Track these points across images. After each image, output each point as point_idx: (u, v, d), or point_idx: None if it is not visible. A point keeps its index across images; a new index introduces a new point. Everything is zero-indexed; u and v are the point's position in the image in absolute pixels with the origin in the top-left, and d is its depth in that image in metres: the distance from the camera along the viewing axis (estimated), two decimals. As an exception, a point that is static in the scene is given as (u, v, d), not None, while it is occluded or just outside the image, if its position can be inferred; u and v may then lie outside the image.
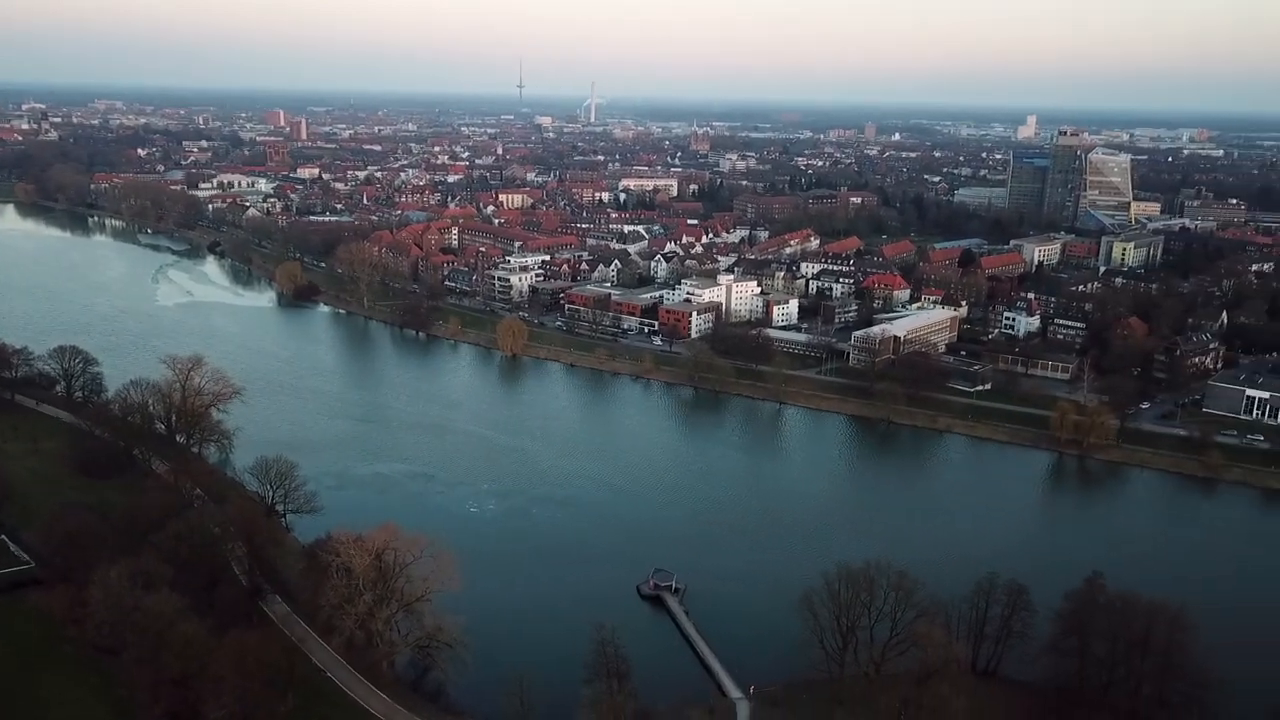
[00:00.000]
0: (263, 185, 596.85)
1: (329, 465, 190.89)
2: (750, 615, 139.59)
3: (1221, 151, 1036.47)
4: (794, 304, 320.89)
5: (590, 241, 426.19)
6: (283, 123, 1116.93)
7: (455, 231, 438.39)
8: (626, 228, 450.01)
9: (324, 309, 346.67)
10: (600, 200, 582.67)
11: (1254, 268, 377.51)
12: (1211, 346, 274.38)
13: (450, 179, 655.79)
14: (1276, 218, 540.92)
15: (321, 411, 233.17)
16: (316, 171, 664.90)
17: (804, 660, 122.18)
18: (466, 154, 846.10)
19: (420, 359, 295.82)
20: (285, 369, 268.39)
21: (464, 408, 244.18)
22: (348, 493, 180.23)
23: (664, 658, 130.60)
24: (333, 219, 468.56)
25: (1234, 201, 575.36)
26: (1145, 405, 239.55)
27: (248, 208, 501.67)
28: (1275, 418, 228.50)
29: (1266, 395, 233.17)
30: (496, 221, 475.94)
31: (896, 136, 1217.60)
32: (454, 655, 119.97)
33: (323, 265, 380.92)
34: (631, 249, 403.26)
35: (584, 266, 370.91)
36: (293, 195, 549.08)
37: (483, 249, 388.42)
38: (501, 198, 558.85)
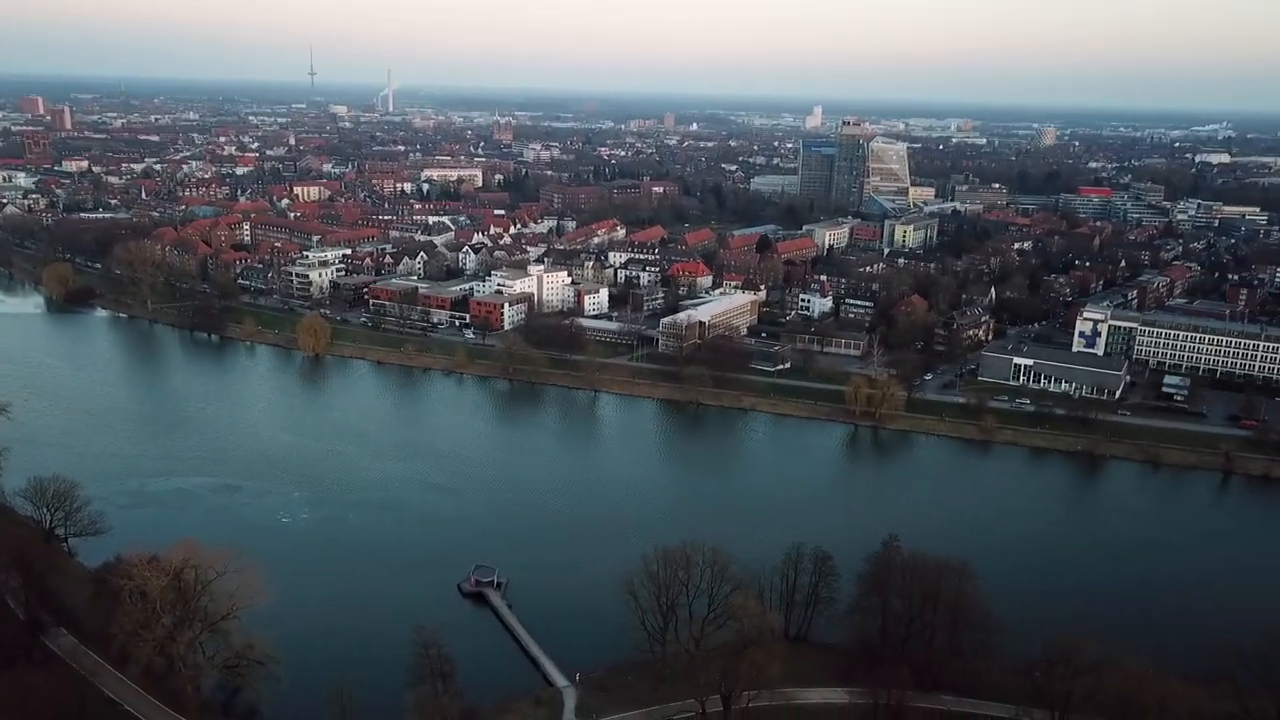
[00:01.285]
0: (22, 180, 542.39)
1: (119, 483, 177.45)
2: (574, 603, 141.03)
3: (985, 140, 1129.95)
4: (604, 293, 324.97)
5: (394, 234, 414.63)
6: (42, 110, 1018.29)
7: (247, 227, 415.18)
8: (431, 219, 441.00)
9: (102, 313, 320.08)
10: (402, 191, 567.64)
11: (1016, 246, 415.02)
12: (983, 320, 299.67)
13: (239, 171, 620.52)
14: (1033, 200, 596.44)
15: (106, 426, 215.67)
16: (85, 164, 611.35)
17: (627, 642, 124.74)
18: (256, 145, 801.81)
19: (215, 363, 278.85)
20: (61, 381, 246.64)
21: (268, 413, 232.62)
22: (143, 511, 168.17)
23: (489, 654, 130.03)
24: (107, 216, 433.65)
25: (997, 186, 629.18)
26: (929, 376, 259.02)
27: (4, 205, 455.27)
28: (1038, 382, 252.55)
29: (1030, 362, 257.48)
30: (292, 215, 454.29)
31: (694, 127, 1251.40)
32: (266, 672, 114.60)
33: (97, 266, 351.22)
34: (438, 241, 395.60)
35: (388, 260, 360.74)
36: (58, 190, 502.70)
37: (278, 244, 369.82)
38: (297, 190, 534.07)
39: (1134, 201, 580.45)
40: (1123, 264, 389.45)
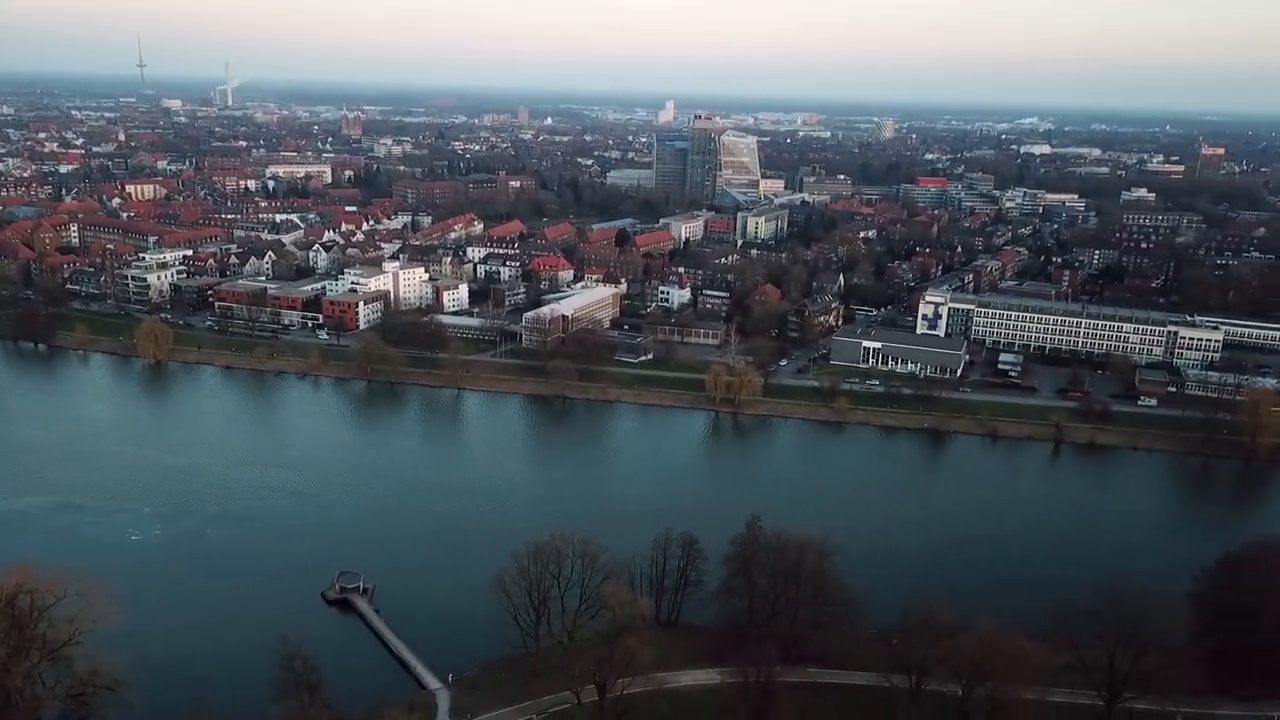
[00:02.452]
0: None
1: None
2: (445, 604, 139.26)
3: (829, 133, 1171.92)
4: (464, 289, 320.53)
5: (238, 233, 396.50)
6: None
7: (75, 228, 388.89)
8: (279, 217, 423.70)
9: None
10: (246, 189, 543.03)
11: (861, 235, 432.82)
12: (833, 306, 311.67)
13: (63, 169, 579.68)
14: (876, 190, 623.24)
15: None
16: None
17: (500, 640, 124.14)
18: (81, 141, 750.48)
19: (45, 375, 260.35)
20: None
21: (110, 425, 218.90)
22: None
23: (358, 661, 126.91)
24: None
25: (841, 177, 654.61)
26: (784, 362, 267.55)
27: None
28: (886, 364, 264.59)
29: (878, 345, 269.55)
30: (125, 215, 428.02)
31: (549, 121, 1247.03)
32: (116, 698, 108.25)
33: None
34: (286, 239, 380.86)
35: (234, 260, 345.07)
36: None
37: (111, 246, 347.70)
38: (129, 189, 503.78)
39: (967, 191, 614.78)
40: (959, 250, 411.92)
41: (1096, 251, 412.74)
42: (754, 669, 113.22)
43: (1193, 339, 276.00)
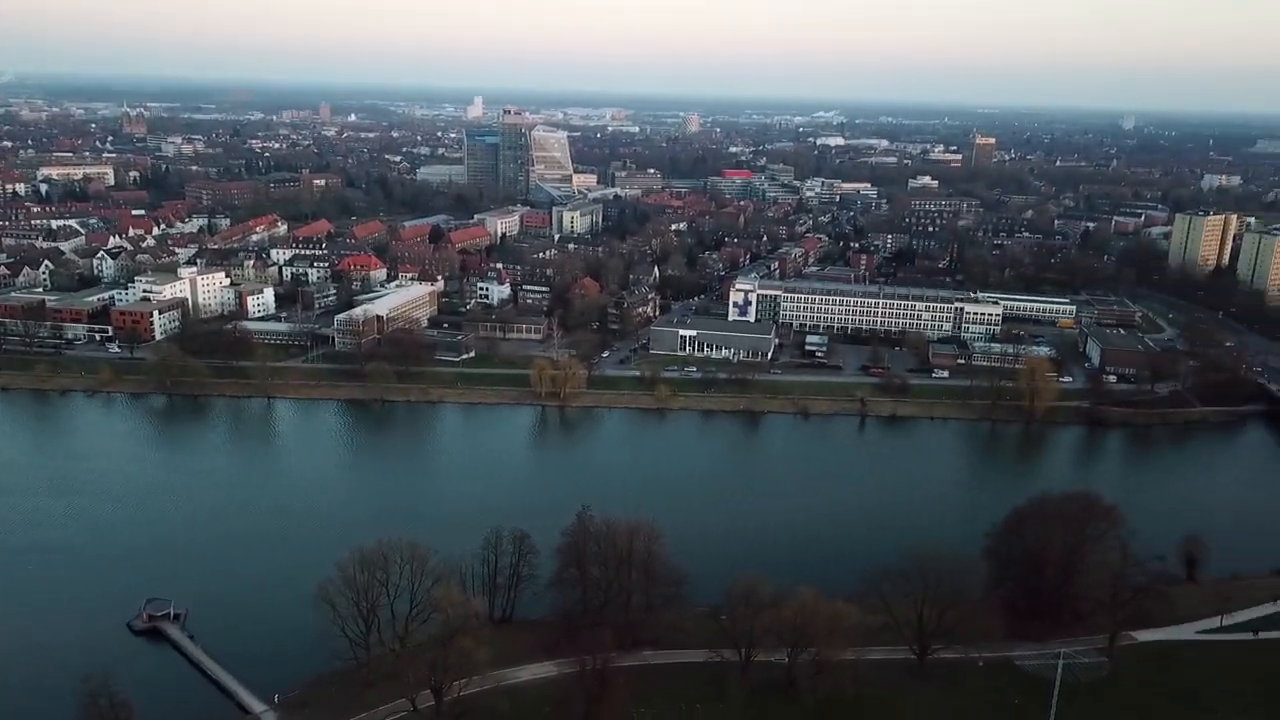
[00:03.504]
0: None
1: None
2: (266, 623, 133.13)
3: (638, 128, 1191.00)
4: (269, 293, 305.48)
5: (8, 241, 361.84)
6: None
7: None
8: (55, 223, 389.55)
9: None
10: (15, 193, 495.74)
11: (673, 227, 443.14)
12: (650, 297, 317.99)
13: None
14: (685, 183, 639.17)
15: None
16: None
17: (329, 654, 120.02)
18: None
19: None
20: None
21: None
22: None
23: (174, 692, 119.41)
24: None
25: (652, 171, 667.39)
26: (606, 354, 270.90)
27: None
28: (703, 350, 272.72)
29: (694, 333, 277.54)
30: None
31: (353, 117, 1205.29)
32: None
33: None
34: (65, 247, 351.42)
35: (4, 271, 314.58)
36: None
37: None
38: None
39: (770, 182, 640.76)
40: (765, 238, 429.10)
41: (889, 236, 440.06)
42: (590, 657, 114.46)
43: (976, 314, 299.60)
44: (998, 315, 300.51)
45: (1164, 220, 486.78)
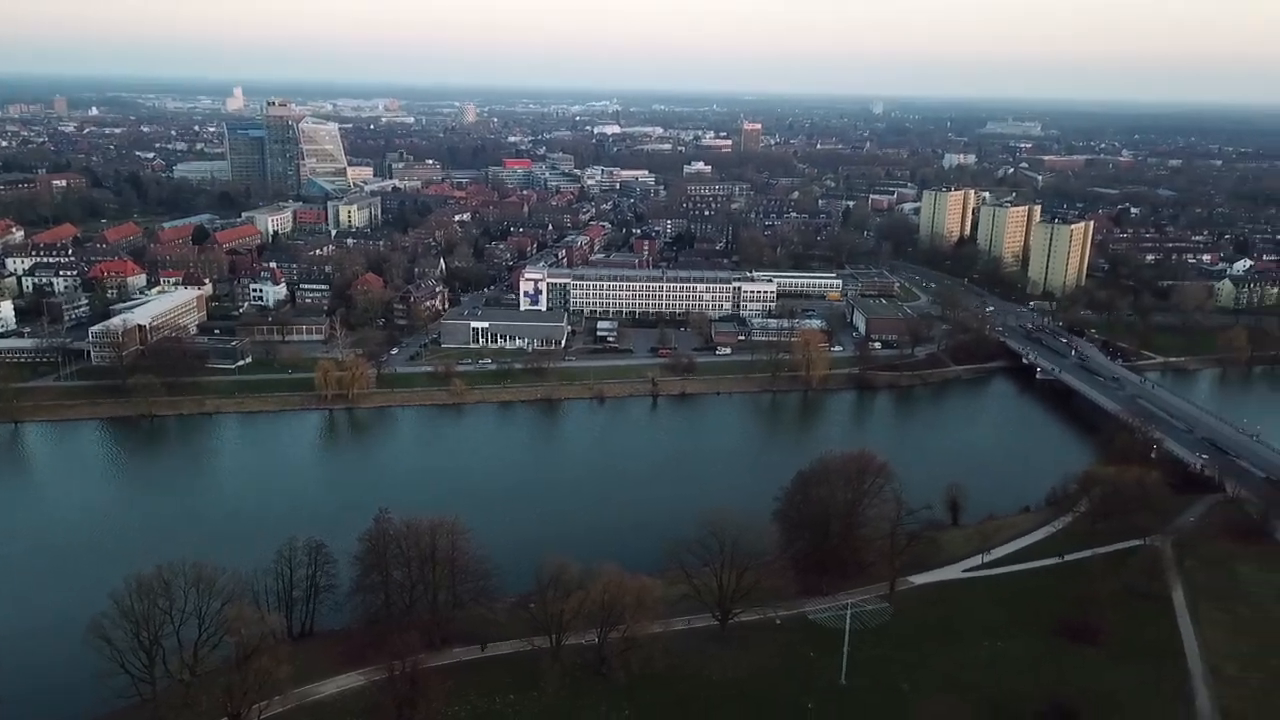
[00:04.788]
0: None
1: None
2: (31, 670, 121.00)
3: (413, 119, 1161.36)
4: (7, 306, 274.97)
5: None
6: None
7: None
8: None
9: None
10: None
11: (457, 219, 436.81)
12: (437, 290, 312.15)
13: None
14: (465, 174, 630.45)
15: None
16: None
17: (109, 693, 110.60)
18: None
19: None
20: None
21: None
22: None
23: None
24: None
25: (430, 162, 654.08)
26: (395, 351, 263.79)
27: None
28: (496, 341, 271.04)
29: (486, 324, 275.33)
30: None
31: (94, 111, 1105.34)
32: None
33: None
34: None
35: None
36: None
37: None
38: None
39: (551, 171, 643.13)
40: (550, 227, 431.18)
41: (669, 221, 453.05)
42: (398, 662, 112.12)
43: (753, 292, 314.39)
44: (773, 292, 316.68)
45: (913, 197, 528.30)
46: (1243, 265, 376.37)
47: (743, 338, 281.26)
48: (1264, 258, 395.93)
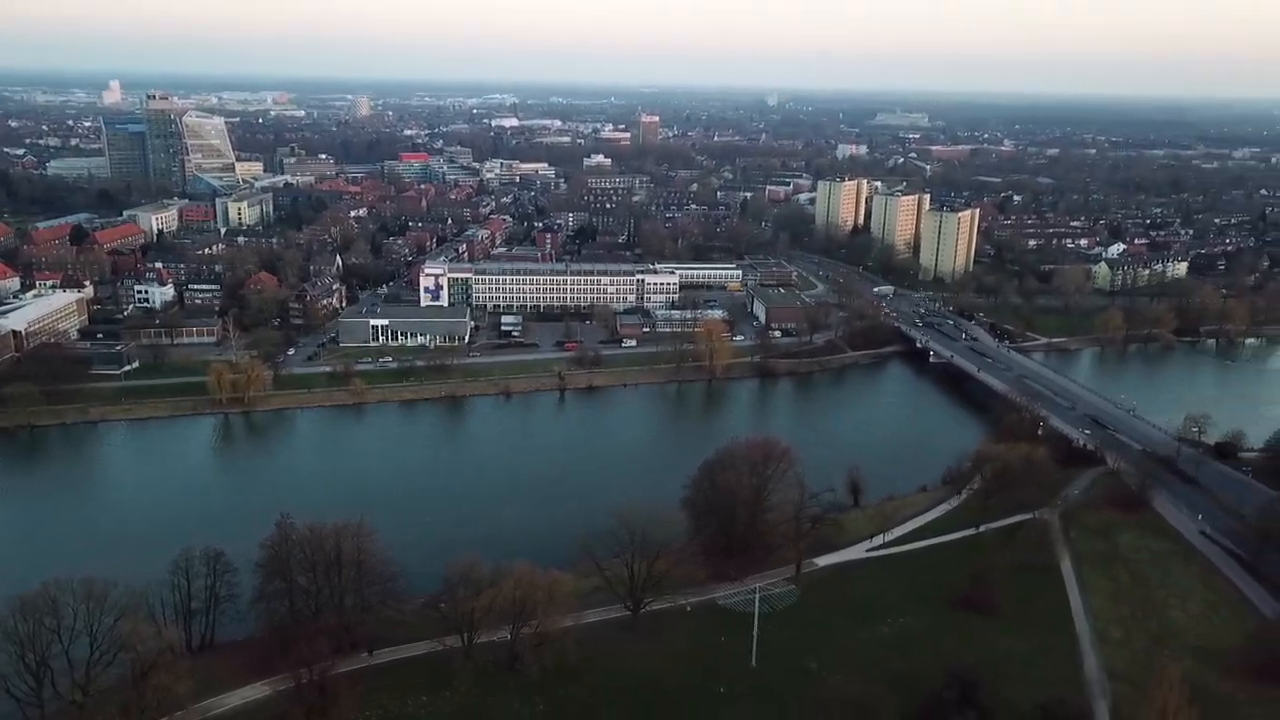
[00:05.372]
0: None
1: None
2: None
3: (303, 112, 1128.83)
4: None
5: None
6: None
7: None
8: None
9: None
10: None
11: (353, 214, 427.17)
12: (335, 288, 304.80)
13: None
14: (360, 169, 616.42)
15: None
16: None
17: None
18: None
19: None
20: None
21: None
22: None
23: None
24: None
25: (323, 157, 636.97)
26: (291, 351, 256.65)
27: None
28: (396, 339, 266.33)
29: (386, 322, 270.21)
30: None
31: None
32: None
33: None
34: None
35: None
36: None
37: None
38: None
39: (449, 164, 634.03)
40: (449, 221, 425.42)
41: (570, 214, 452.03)
42: (305, 670, 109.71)
43: (656, 284, 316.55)
44: (675, 284, 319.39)
45: (809, 188, 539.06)
46: (1117, 249, 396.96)
47: (647, 329, 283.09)
48: (1136, 241, 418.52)
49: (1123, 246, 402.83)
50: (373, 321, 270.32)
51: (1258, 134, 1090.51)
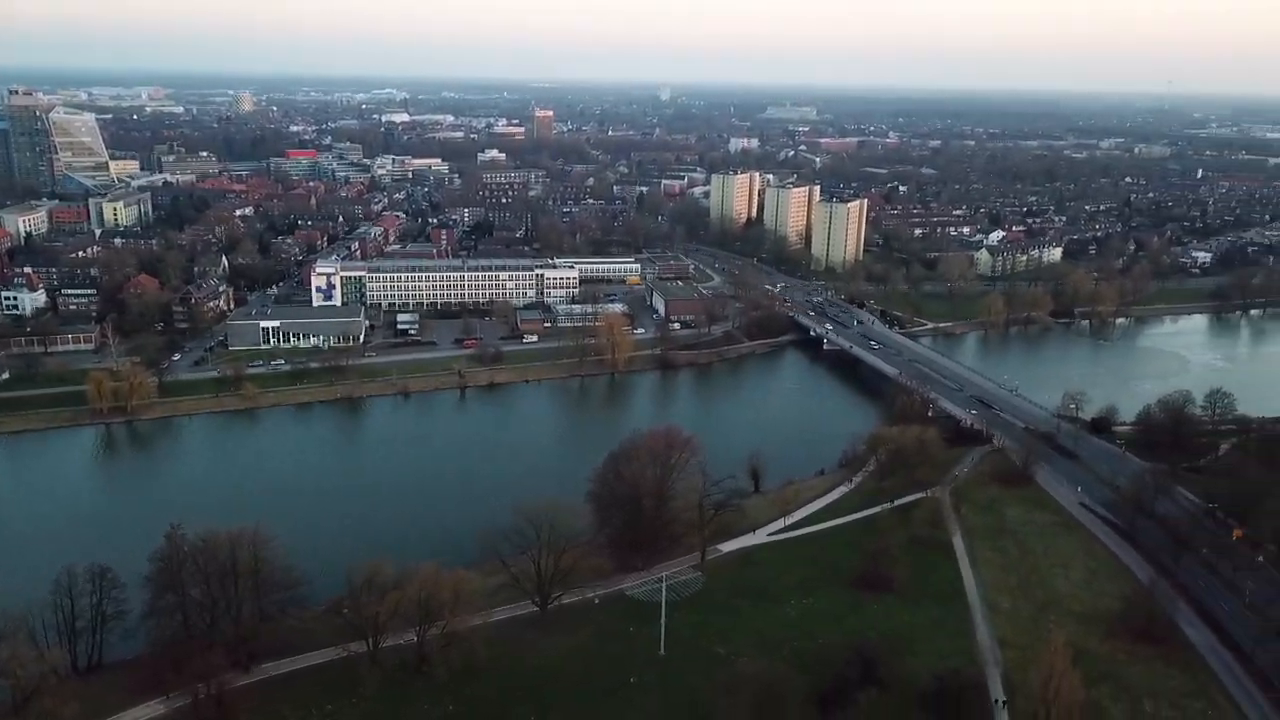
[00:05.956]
0: None
1: None
2: None
3: (182, 108, 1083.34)
4: None
5: None
6: None
7: None
8: None
9: None
10: None
11: (238, 213, 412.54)
12: (221, 290, 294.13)
13: None
14: (245, 166, 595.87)
15: None
16: None
17: None
18: None
19: None
20: None
21: None
22: None
23: None
24: None
25: (205, 154, 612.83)
26: (177, 357, 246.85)
27: None
28: (288, 341, 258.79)
29: (277, 323, 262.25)
30: None
31: None
32: None
33: None
34: None
35: None
36: None
37: None
38: None
39: (339, 161, 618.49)
40: (340, 219, 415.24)
41: (466, 210, 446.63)
42: (202, 685, 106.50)
43: (556, 279, 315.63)
44: (575, 279, 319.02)
45: (703, 181, 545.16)
46: (997, 236, 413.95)
47: (548, 325, 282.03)
48: (1014, 229, 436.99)
49: (1002, 234, 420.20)
50: (263, 323, 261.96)
51: (1122, 125, 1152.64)
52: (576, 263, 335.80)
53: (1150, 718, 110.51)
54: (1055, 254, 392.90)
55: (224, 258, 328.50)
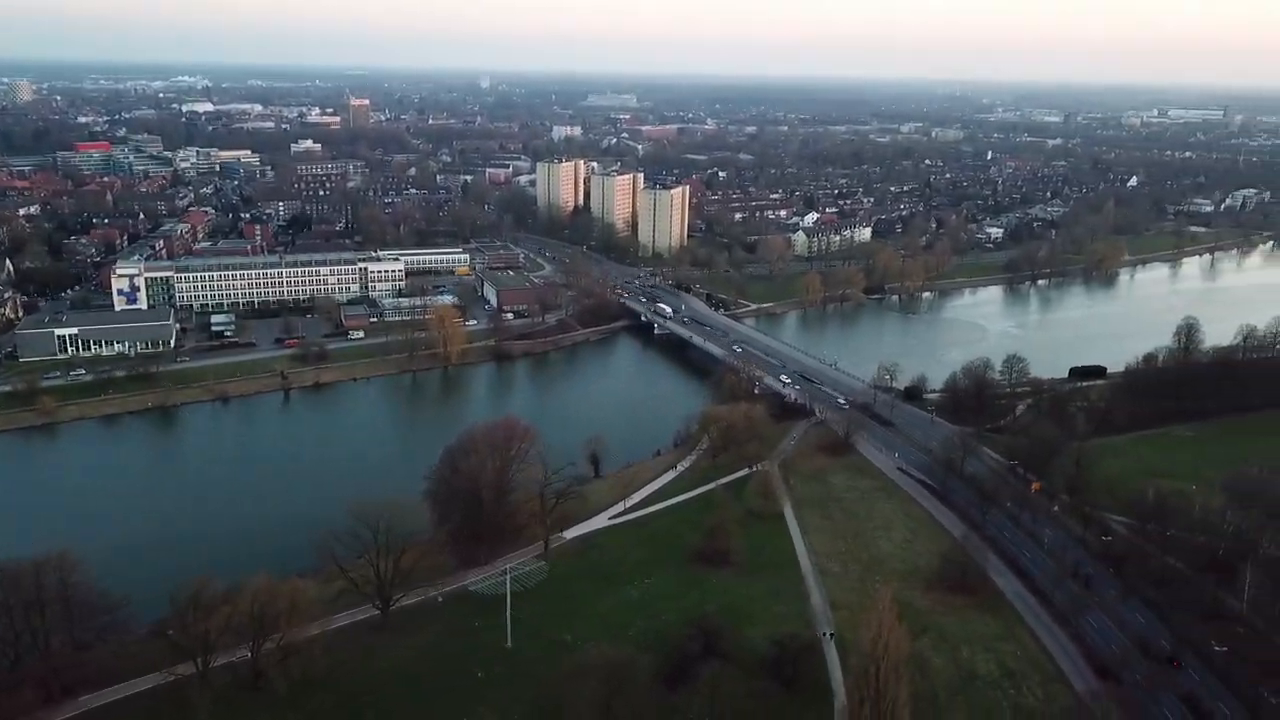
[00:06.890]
0: None
1: None
2: None
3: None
4: None
5: None
6: None
7: None
8: None
9: None
10: None
11: (23, 212, 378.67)
12: (6, 296, 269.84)
13: None
14: (27, 161, 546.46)
15: None
16: None
17: None
18: None
19: None
20: None
21: None
22: None
23: None
24: None
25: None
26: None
27: None
28: (89, 349, 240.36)
29: (75, 331, 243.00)
30: None
31: None
32: None
33: None
34: None
35: None
36: None
37: None
38: None
39: (136, 154, 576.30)
40: (141, 217, 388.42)
41: (281, 204, 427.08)
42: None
43: (380, 272, 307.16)
44: (401, 271, 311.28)
45: (528, 169, 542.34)
46: (812, 218, 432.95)
47: (375, 319, 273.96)
48: (827, 211, 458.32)
49: (817, 216, 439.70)
50: (58, 331, 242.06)
51: (919, 110, 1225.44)
52: (401, 254, 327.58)
53: (967, 663, 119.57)
54: (865, 234, 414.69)
55: (8, 262, 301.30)
